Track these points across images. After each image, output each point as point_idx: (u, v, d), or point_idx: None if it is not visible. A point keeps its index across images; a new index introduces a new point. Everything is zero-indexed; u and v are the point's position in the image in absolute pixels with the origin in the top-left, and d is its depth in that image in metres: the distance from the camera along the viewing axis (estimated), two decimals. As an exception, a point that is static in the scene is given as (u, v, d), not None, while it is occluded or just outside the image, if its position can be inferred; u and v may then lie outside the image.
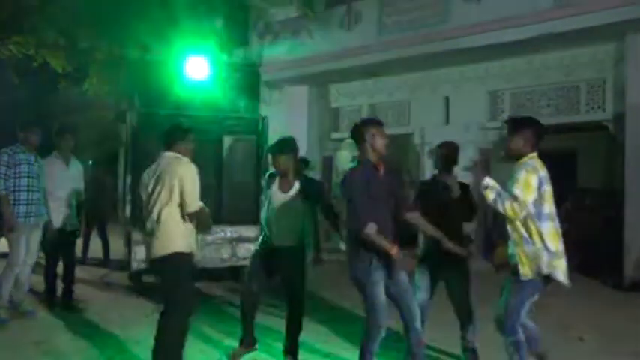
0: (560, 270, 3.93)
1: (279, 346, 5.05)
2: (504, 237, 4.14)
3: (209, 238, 7.51)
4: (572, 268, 3.97)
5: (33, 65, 11.43)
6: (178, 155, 4.42)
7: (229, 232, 7.69)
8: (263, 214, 4.99)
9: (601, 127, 10.02)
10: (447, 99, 11.86)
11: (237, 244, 7.70)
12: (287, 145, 4.94)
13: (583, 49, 9.84)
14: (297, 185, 4.87)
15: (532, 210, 3.88)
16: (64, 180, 6.68)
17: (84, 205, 7.28)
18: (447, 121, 11.81)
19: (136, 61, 8.93)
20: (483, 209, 5.20)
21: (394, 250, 3.95)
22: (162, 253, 4.26)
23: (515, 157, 4.05)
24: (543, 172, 3.94)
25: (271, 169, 5.08)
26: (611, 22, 8.52)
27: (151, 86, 7.86)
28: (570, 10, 8.76)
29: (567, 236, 4.10)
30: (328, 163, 13.84)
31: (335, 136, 13.86)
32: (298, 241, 4.89)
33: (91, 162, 12.36)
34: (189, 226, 4.36)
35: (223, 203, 8.07)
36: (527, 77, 10.73)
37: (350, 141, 4.48)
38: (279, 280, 4.93)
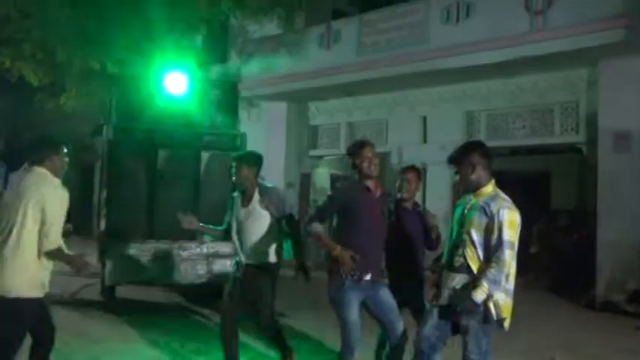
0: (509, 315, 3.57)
1: None
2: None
3: (185, 253, 7.46)
4: (546, 288, 3.97)
5: (10, 80, 11.31)
6: (47, 173, 3.69)
7: (205, 248, 7.62)
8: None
9: (574, 149, 10.18)
10: (424, 119, 11.99)
11: (214, 260, 7.61)
12: (252, 157, 4.80)
13: (557, 73, 10.01)
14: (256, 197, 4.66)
15: None
16: None
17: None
18: (425, 141, 11.92)
19: (113, 75, 8.87)
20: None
21: (336, 251, 3.95)
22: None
23: (473, 188, 3.67)
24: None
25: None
26: (585, 47, 8.69)
27: (129, 101, 7.82)
28: (545, 35, 8.93)
29: (539, 257, 4.08)
30: (306, 180, 13.84)
31: (313, 153, 13.86)
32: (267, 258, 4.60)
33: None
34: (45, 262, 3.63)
35: (200, 219, 7.95)
36: (503, 99, 10.87)
37: (328, 158, 4.46)
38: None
